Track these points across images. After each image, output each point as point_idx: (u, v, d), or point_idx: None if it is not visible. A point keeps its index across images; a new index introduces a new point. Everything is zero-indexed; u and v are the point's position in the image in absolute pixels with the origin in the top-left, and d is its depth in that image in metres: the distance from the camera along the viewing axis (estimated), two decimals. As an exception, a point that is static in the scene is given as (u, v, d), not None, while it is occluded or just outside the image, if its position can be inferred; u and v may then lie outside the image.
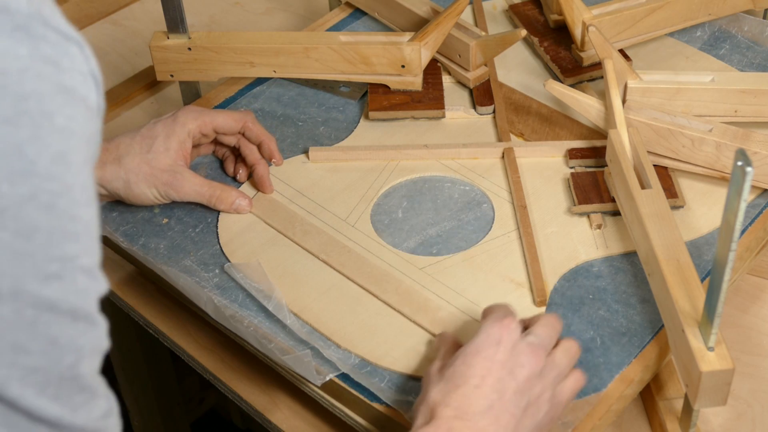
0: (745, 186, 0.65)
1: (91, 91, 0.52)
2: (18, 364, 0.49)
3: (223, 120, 1.00)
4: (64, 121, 0.49)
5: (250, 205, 0.98)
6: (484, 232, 0.96)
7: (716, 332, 0.76)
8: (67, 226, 0.50)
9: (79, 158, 0.50)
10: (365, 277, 0.92)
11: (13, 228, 0.48)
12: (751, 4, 1.17)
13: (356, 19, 1.24)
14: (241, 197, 0.98)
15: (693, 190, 0.99)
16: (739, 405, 0.92)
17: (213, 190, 0.97)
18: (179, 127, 0.97)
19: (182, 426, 1.40)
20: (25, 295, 0.49)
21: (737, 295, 1.01)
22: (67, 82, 0.50)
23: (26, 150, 0.48)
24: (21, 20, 0.48)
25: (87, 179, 0.52)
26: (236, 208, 0.98)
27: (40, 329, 0.49)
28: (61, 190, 0.49)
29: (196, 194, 0.97)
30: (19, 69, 0.48)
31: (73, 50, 0.51)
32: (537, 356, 0.76)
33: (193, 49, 1.08)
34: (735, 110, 1.03)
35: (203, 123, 0.99)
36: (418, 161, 1.04)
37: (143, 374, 1.27)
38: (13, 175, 0.47)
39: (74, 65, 0.50)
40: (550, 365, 0.77)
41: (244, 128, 1.02)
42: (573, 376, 0.79)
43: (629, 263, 0.92)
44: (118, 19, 1.37)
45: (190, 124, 0.98)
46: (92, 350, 0.53)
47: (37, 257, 0.49)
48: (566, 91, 1.02)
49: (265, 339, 0.86)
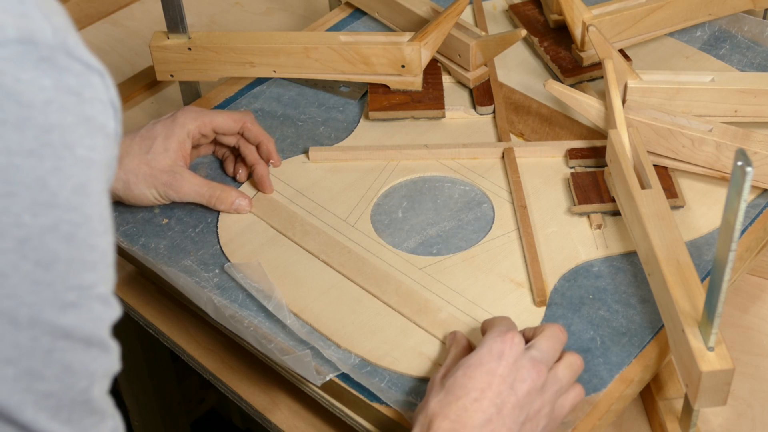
0: (745, 186, 0.65)
1: (110, 119, 0.52)
2: (33, 389, 0.50)
3: (222, 120, 1.01)
4: (85, 151, 0.50)
5: (250, 204, 0.98)
6: (484, 232, 0.96)
7: (716, 332, 0.76)
8: (86, 256, 0.51)
9: (98, 187, 0.51)
10: (365, 277, 0.92)
11: (34, 258, 0.48)
12: (751, 4, 1.17)
13: (356, 19, 1.24)
14: (240, 197, 0.98)
15: (693, 190, 0.99)
16: (739, 405, 0.92)
17: (213, 190, 0.97)
18: (178, 128, 0.97)
19: (182, 426, 1.40)
20: (43, 324, 0.49)
21: (737, 295, 1.01)
22: (89, 112, 0.50)
23: (49, 181, 0.48)
24: (46, 52, 0.48)
25: (105, 208, 0.53)
26: (236, 208, 0.98)
27: (55, 356, 0.50)
28: (81, 221, 0.50)
29: (196, 194, 0.97)
30: (44, 101, 0.48)
31: (95, 80, 0.51)
32: (538, 371, 0.76)
33: (193, 49, 1.08)
34: (735, 110, 1.03)
35: (202, 123, 0.99)
36: (418, 161, 1.04)
37: (143, 374, 1.27)
38: (36, 206, 0.48)
39: (96, 95, 0.51)
40: (552, 380, 0.77)
41: (243, 129, 1.02)
42: (573, 390, 0.79)
43: (629, 263, 0.92)
44: (118, 19, 1.37)
45: (190, 125, 0.98)
46: (104, 375, 0.54)
47: (56, 287, 0.50)
48: (566, 91, 1.02)
49: (265, 339, 0.86)
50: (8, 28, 0.47)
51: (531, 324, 0.87)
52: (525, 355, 0.76)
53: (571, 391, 0.79)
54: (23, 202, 0.48)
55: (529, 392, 0.75)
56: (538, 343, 0.78)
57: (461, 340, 0.82)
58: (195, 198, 0.97)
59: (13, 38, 0.47)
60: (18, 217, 0.48)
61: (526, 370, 0.75)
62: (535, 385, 0.75)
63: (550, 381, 0.77)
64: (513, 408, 0.73)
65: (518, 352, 0.76)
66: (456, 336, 0.83)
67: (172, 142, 0.97)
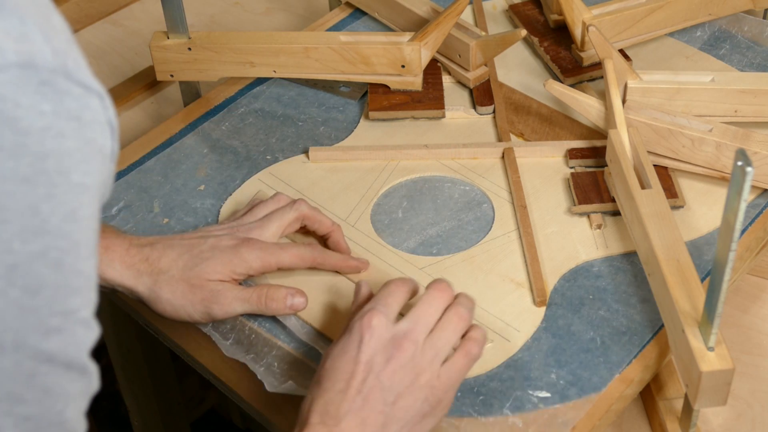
0: (745, 186, 0.65)
1: (107, 139, 0.52)
2: (13, 413, 0.50)
3: (290, 260, 0.89)
4: (80, 177, 0.50)
5: (305, 300, 0.88)
6: (484, 232, 0.96)
7: (716, 332, 0.76)
8: (72, 282, 0.51)
9: (88, 212, 0.51)
10: (365, 277, 0.92)
11: (22, 284, 0.48)
12: (751, 4, 1.17)
13: (356, 19, 1.24)
14: (292, 292, 0.88)
15: (693, 190, 0.99)
16: (739, 405, 0.92)
17: (260, 290, 0.87)
18: (239, 262, 0.87)
19: (182, 426, 1.40)
20: (27, 349, 0.49)
21: (737, 295, 1.01)
22: (87, 135, 0.50)
23: (41, 208, 0.48)
24: (46, 76, 0.48)
25: (92, 232, 0.52)
26: (291, 306, 0.87)
27: (37, 380, 0.50)
28: (70, 248, 0.50)
29: (242, 301, 0.87)
30: (42, 128, 0.48)
31: (93, 103, 0.51)
32: (400, 347, 0.74)
33: (193, 49, 1.08)
34: (735, 110, 1.03)
35: (267, 264, 0.88)
36: (418, 161, 1.04)
37: (143, 374, 1.27)
38: (26, 232, 0.48)
39: (95, 117, 0.51)
40: (429, 346, 0.75)
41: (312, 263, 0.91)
42: (462, 348, 0.77)
43: (629, 263, 0.92)
44: (118, 19, 1.37)
45: (254, 263, 0.87)
46: (80, 395, 0.54)
47: (41, 312, 0.50)
48: (566, 91, 1.02)
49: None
50: (8, 51, 0.47)
51: (531, 324, 0.87)
52: (386, 333, 0.74)
53: (460, 349, 0.76)
54: (14, 229, 0.47)
55: (394, 371, 0.73)
56: (410, 314, 0.76)
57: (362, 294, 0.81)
58: (241, 306, 0.87)
59: (14, 62, 0.47)
60: (8, 243, 0.47)
61: (387, 350, 0.74)
62: (401, 362, 0.74)
63: (422, 351, 0.74)
64: (381, 391, 0.73)
65: (379, 334, 0.74)
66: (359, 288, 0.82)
67: (225, 271, 0.86)
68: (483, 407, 0.82)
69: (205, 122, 1.10)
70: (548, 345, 0.86)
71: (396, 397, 0.73)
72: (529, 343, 0.86)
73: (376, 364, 0.73)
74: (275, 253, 0.88)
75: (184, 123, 1.10)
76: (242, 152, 1.06)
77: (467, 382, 0.83)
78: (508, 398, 0.82)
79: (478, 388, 0.83)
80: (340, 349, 0.75)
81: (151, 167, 1.05)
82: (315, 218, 0.92)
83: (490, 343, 0.86)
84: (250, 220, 0.92)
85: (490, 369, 0.84)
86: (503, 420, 0.81)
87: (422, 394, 0.74)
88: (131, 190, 1.02)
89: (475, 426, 0.81)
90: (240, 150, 1.06)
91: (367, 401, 0.73)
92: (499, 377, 0.84)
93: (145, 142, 1.08)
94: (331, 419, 0.72)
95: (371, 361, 0.73)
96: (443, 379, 0.75)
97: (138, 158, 1.06)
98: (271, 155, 1.06)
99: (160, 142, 1.08)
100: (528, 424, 0.80)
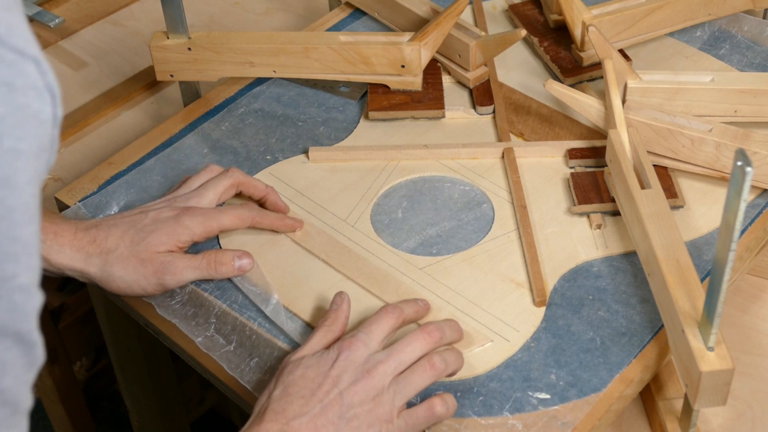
0: (745, 186, 0.65)
1: (46, 104, 0.51)
2: None
3: (230, 221, 0.92)
4: (13, 142, 0.49)
5: (252, 261, 0.91)
6: (484, 232, 0.96)
7: (716, 332, 0.76)
8: (6, 248, 0.50)
9: (24, 178, 0.50)
10: (365, 277, 0.92)
11: None
12: (751, 4, 1.17)
13: (356, 19, 1.24)
14: (239, 255, 0.91)
15: (693, 190, 0.99)
16: (739, 405, 0.92)
17: (207, 255, 0.90)
18: (182, 231, 0.90)
19: (182, 426, 1.40)
20: None
21: (737, 295, 1.01)
22: (20, 101, 0.49)
23: None
24: None
25: (30, 198, 0.51)
26: (240, 267, 0.90)
27: None
28: (3, 214, 0.49)
29: (193, 268, 0.89)
30: None
31: (28, 68, 0.49)
32: (370, 374, 0.78)
33: (193, 49, 1.08)
34: (735, 110, 1.03)
35: (209, 228, 0.91)
36: (418, 161, 1.04)
37: (143, 374, 1.27)
38: None
39: (30, 82, 0.49)
40: (392, 383, 0.78)
41: (253, 222, 0.94)
42: (428, 402, 0.80)
43: (629, 263, 0.92)
44: (118, 19, 1.37)
45: (196, 229, 0.90)
46: (19, 365, 0.53)
47: None
48: (566, 91, 1.02)
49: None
50: None
51: (530, 324, 0.87)
52: (362, 357, 0.79)
53: (429, 401, 0.79)
54: None
55: (356, 392, 0.77)
56: (389, 348, 0.80)
57: (340, 316, 0.84)
58: (193, 273, 0.89)
59: None
60: None
61: (357, 372, 0.78)
62: (365, 386, 0.77)
63: (391, 384, 0.78)
64: (339, 406, 0.76)
65: (354, 357, 0.78)
66: (339, 306, 0.85)
67: (171, 241, 0.89)
68: (483, 408, 0.82)
69: (205, 122, 1.10)
70: (548, 345, 0.86)
71: (352, 417, 0.76)
72: (528, 343, 0.86)
73: (342, 381, 0.77)
74: (215, 217, 0.91)
75: (184, 123, 1.10)
76: (242, 152, 1.06)
77: (467, 382, 0.83)
78: (508, 399, 0.82)
79: (477, 389, 0.83)
80: (315, 361, 0.78)
81: (151, 167, 1.05)
82: (249, 183, 0.96)
83: (489, 342, 0.86)
84: (185, 191, 0.95)
85: (490, 369, 0.84)
86: (503, 422, 0.81)
87: (376, 424, 0.77)
88: (131, 190, 1.02)
89: (475, 427, 0.81)
90: (240, 150, 1.06)
91: (324, 410, 0.76)
92: (498, 377, 0.84)
93: (145, 142, 1.08)
94: (285, 418, 0.75)
95: (339, 377, 0.77)
96: (400, 422, 0.78)
97: (138, 158, 1.06)
98: (271, 155, 1.06)
99: (160, 142, 1.08)
100: (528, 427, 0.80)
